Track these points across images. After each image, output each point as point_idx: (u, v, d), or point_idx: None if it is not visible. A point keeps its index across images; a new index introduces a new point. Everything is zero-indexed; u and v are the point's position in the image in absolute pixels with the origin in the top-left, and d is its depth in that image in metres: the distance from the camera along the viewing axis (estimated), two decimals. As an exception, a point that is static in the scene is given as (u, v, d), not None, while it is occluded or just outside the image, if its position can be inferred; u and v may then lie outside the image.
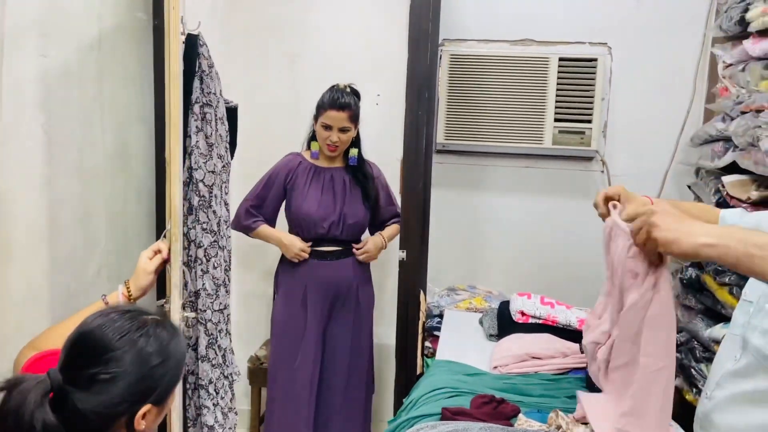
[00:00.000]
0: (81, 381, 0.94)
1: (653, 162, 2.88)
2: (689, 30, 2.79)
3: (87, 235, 1.83)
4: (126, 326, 1.00)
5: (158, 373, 1.01)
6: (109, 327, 0.98)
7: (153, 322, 1.04)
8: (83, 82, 1.78)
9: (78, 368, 0.95)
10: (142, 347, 0.99)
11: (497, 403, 1.44)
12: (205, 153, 1.86)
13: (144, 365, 0.99)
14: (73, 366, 0.95)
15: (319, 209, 2.39)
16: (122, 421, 0.98)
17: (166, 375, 1.02)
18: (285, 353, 2.43)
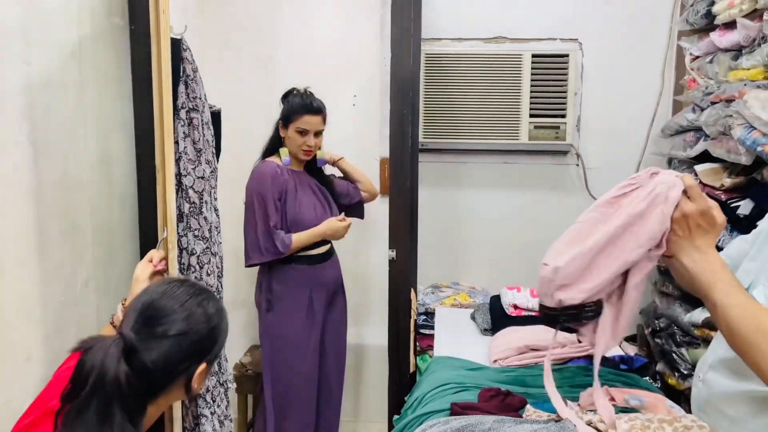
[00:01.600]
0: (149, 339, 1.07)
1: (626, 153, 2.96)
2: (656, 24, 2.88)
3: (75, 247, 1.78)
4: (188, 292, 1.15)
5: (214, 335, 1.15)
6: (172, 293, 1.13)
7: (207, 292, 1.19)
8: (66, 90, 1.74)
9: (146, 328, 1.08)
10: (202, 311, 1.14)
11: (504, 395, 1.46)
12: (193, 159, 1.83)
13: (201, 326, 1.12)
14: (142, 326, 1.08)
15: (315, 212, 2.39)
16: (182, 379, 1.11)
17: (220, 336, 1.17)
18: (293, 364, 2.38)
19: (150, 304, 1.11)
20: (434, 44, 2.96)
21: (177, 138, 1.81)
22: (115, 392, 0.99)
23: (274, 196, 2.33)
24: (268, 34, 2.96)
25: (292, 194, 2.36)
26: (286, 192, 2.36)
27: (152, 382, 1.06)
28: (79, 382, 0.99)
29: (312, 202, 2.38)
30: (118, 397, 0.99)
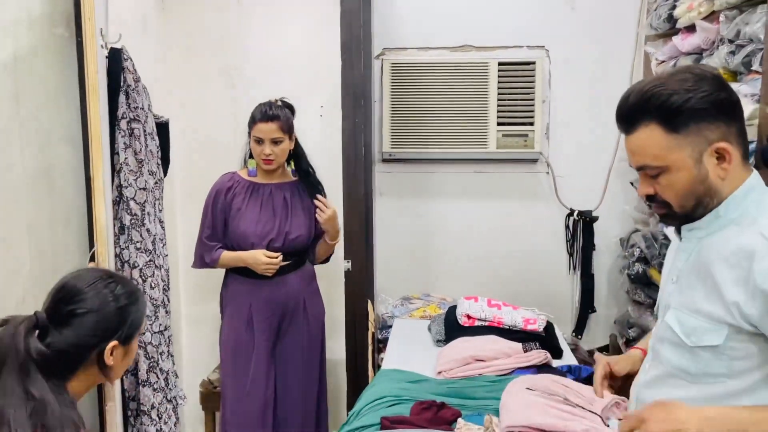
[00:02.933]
0: (59, 318, 1.16)
1: (596, 161, 2.92)
2: (623, 29, 2.85)
3: (10, 262, 1.74)
4: (96, 275, 1.24)
5: (123, 314, 1.22)
6: (83, 277, 1.22)
7: (118, 277, 1.28)
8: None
9: (57, 308, 1.17)
10: (110, 291, 1.22)
11: (437, 408, 1.41)
12: (135, 170, 1.80)
13: (110, 305, 1.21)
14: (53, 306, 1.18)
15: (257, 227, 2.32)
16: (93, 355, 1.19)
17: (129, 316, 1.24)
18: (236, 376, 2.36)
19: (62, 286, 1.21)
20: (399, 53, 2.93)
21: (117, 149, 1.79)
22: (28, 364, 1.09)
23: (215, 207, 2.32)
24: (233, 45, 2.94)
25: (237, 207, 2.32)
26: (230, 204, 2.32)
27: (65, 357, 1.15)
28: None
29: (254, 217, 2.32)
30: (34, 368, 1.10)
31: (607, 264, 2.95)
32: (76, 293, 1.19)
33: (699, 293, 1.16)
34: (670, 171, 1.13)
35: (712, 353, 1.14)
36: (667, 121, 1.11)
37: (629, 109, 1.16)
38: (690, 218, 1.17)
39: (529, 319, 1.88)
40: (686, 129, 1.11)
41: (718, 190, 1.13)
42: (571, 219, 2.94)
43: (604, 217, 2.90)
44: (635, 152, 1.17)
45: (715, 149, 1.11)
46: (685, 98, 1.10)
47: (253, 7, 2.92)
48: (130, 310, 1.26)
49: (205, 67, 2.95)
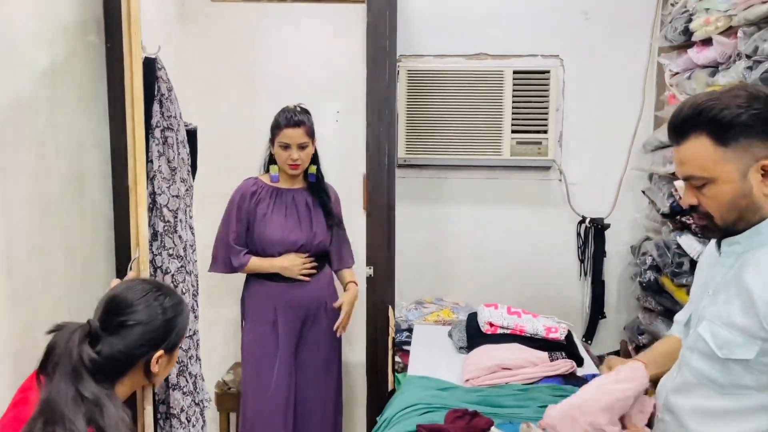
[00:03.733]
0: (111, 327, 1.24)
1: (608, 169, 2.97)
2: (636, 40, 2.90)
3: (45, 266, 1.77)
4: (146, 288, 1.32)
5: (169, 326, 1.31)
6: (134, 289, 1.31)
7: (166, 289, 1.36)
8: (35, 109, 1.73)
9: (109, 317, 1.25)
10: (159, 304, 1.30)
11: (471, 416, 1.45)
12: (168, 177, 1.83)
13: (158, 317, 1.29)
14: (105, 316, 1.26)
15: (284, 232, 2.35)
16: (141, 363, 1.28)
17: (175, 327, 1.33)
18: (258, 377, 2.38)
19: (114, 297, 1.29)
20: (416, 61, 2.97)
21: (151, 157, 1.81)
22: (80, 368, 1.16)
23: (240, 211, 2.35)
24: (251, 51, 2.96)
25: (263, 212, 2.34)
26: (256, 210, 2.34)
27: (114, 364, 1.23)
28: (47, 357, 1.17)
29: (282, 223, 2.36)
30: (86, 372, 1.17)
31: (618, 271, 3.01)
32: (128, 305, 1.28)
33: (735, 307, 1.20)
34: (716, 183, 1.17)
35: (743, 367, 1.19)
36: (717, 135, 1.15)
37: (682, 121, 1.20)
38: (730, 232, 1.21)
39: (551, 327, 1.92)
40: (735, 143, 1.14)
41: (761, 207, 1.16)
42: (582, 226, 2.99)
43: (616, 225, 2.96)
44: (683, 162, 1.21)
45: (761, 166, 1.15)
46: (736, 114, 1.14)
47: (271, 15, 2.94)
48: (177, 322, 1.34)
49: (224, 74, 2.97)
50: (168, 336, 1.32)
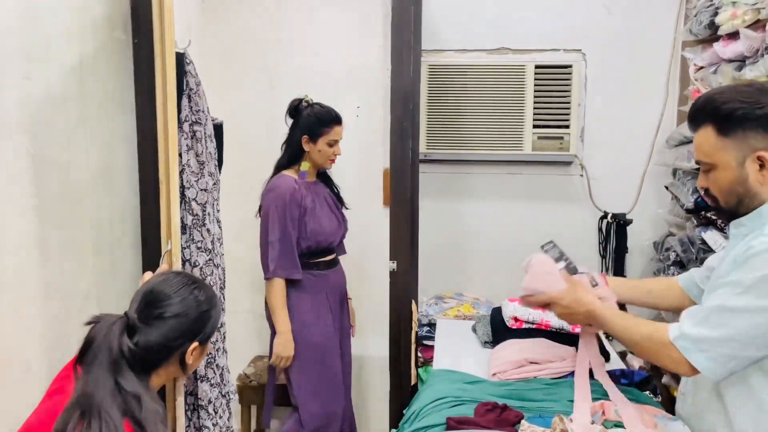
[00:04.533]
0: (148, 319, 1.26)
1: (631, 164, 2.95)
2: (660, 34, 2.88)
3: (76, 259, 1.79)
4: (182, 281, 1.34)
5: (204, 318, 1.33)
6: (170, 282, 1.33)
7: (201, 283, 1.38)
8: (66, 105, 1.76)
9: (146, 310, 1.27)
10: (194, 297, 1.32)
11: (501, 409, 1.45)
12: (196, 171, 1.85)
13: (193, 310, 1.31)
14: (143, 308, 1.28)
15: (332, 224, 2.39)
16: (176, 355, 1.30)
17: (210, 320, 1.35)
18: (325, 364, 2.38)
19: (150, 290, 1.31)
20: (437, 55, 2.96)
21: (180, 151, 1.83)
22: (120, 360, 1.19)
23: (293, 213, 2.28)
24: (271, 47, 2.98)
25: (311, 208, 2.33)
26: (305, 207, 2.31)
27: (151, 355, 1.25)
28: (85, 349, 1.20)
29: (329, 215, 2.39)
30: (125, 364, 1.20)
31: (640, 267, 2.99)
32: (164, 297, 1.30)
33: None
34: (717, 169, 1.30)
35: None
36: (719, 125, 1.28)
37: (695, 111, 1.35)
38: (735, 214, 1.34)
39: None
40: (734, 134, 1.27)
41: (758, 193, 1.28)
42: (604, 221, 2.98)
43: (638, 220, 2.94)
44: (696, 148, 1.36)
45: (757, 156, 1.26)
46: (737, 107, 1.27)
47: (292, 11, 2.95)
48: (211, 315, 1.37)
49: (244, 69, 2.99)
50: (203, 328, 1.34)
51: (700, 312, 1.27)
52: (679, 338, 1.27)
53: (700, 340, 1.24)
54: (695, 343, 1.24)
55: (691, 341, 1.25)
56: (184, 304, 1.31)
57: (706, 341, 1.23)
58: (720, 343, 1.22)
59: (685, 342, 1.26)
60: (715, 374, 1.24)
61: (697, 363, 1.24)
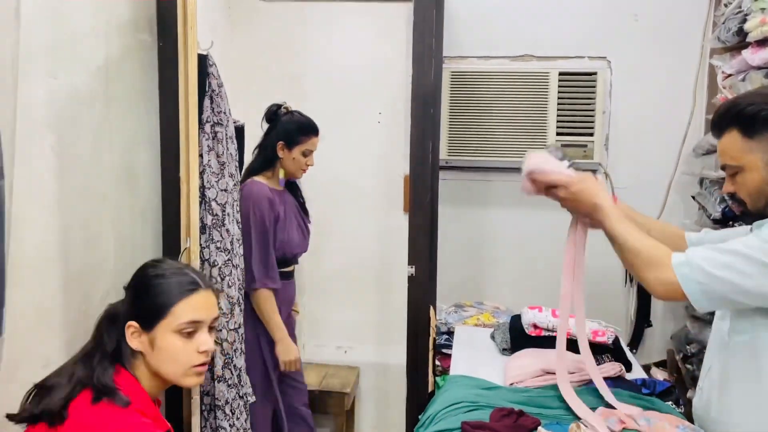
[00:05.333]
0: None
1: (656, 173, 2.89)
2: (687, 41, 2.83)
3: (96, 257, 1.81)
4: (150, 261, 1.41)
5: (142, 294, 1.32)
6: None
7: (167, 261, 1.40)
8: (91, 104, 1.79)
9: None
10: (144, 272, 1.36)
11: (517, 415, 1.42)
12: (216, 172, 1.86)
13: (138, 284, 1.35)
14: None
15: (299, 235, 2.38)
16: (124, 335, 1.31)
17: (141, 297, 1.32)
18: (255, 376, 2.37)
19: None
20: (460, 62, 2.96)
21: (201, 151, 1.85)
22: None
23: (271, 222, 2.26)
24: (295, 52, 3.00)
25: (282, 219, 2.30)
26: (277, 216, 2.29)
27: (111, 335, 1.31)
28: None
29: (296, 226, 2.37)
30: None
31: (665, 278, 2.92)
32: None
33: None
34: (744, 171, 1.32)
35: None
36: (744, 127, 1.31)
37: (719, 117, 1.38)
38: (764, 216, 1.33)
39: (597, 330, 1.88)
40: (759, 135, 1.30)
41: None
42: (629, 231, 2.92)
43: (664, 231, 2.87)
44: (721, 153, 1.38)
45: None
46: (761, 108, 1.30)
47: (316, 18, 2.98)
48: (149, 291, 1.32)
49: (267, 73, 3.02)
50: (135, 306, 1.31)
51: (714, 249, 1.28)
52: (682, 264, 1.28)
53: (704, 274, 1.25)
54: (696, 275, 1.26)
55: (693, 270, 1.26)
56: (133, 278, 1.33)
57: (709, 277, 1.25)
58: (721, 283, 1.24)
59: (685, 269, 1.27)
60: (701, 307, 1.30)
61: (691, 292, 1.26)
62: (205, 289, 1.33)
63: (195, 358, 1.29)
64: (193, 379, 1.32)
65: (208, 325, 1.33)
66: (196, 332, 1.30)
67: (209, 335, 1.33)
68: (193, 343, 1.29)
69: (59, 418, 1.19)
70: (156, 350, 1.28)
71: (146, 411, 1.26)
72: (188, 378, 1.31)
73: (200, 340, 1.30)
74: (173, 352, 1.27)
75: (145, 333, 1.29)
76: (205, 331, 1.32)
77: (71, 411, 1.20)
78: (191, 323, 1.29)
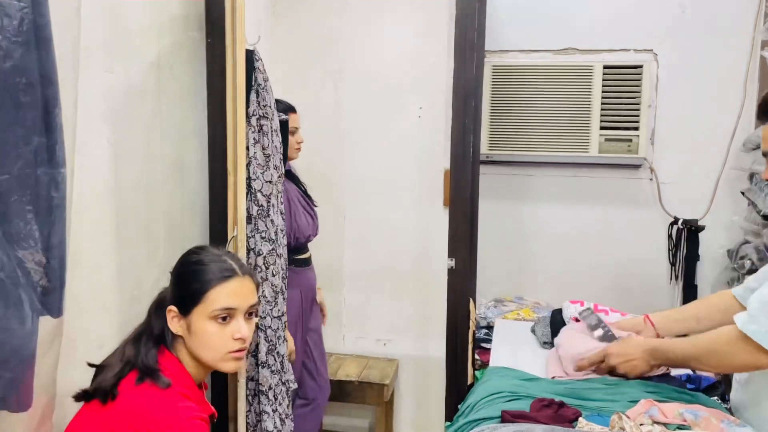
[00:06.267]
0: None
1: (704, 168, 2.83)
2: (737, 34, 2.76)
3: (148, 245, 1.89)
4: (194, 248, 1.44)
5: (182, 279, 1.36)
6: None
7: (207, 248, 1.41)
8: (144, 98, 1.86)
9: None
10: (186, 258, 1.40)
11: (558, 406, 1.42)
12: (262, 164, 1.91)
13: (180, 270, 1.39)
14: None
15: (308, 219, 2.39)
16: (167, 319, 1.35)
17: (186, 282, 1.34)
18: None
19: None
20: (501, 56, 2.95)
21: (247, 144, 1.90)
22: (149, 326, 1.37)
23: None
24: (337, 47, 3.04)
25: (287, 205, 2.28)
26: (289, 198, 2.29)
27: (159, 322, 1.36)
28: None
29: (303, 210, 2.36)
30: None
31: (712, 276, 2.86)
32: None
33: None
34: None
35: None
36: None
37: (764, 102, 1.40)
38: None
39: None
40: None
41: None
42: (674, 228, 2.87)
43: (711, 227, 2.82)
44: (764, 139, 1.38)
45: None
46: None
47: (358, 12, 3.01)
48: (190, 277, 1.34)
49: (310, 67, 3.07)
50: (179, 290, 1.34)
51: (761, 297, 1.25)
52: (747, 323, 1.24)
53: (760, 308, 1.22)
54: (765, 324, 1.21)
55: (760, 323, 1.22)
56: (177, 264, 1.37)
57: None
58: None
59: (752, 326, 1.23)
60: None
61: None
62: (242, 276, 1.34)
63: (230, 344, 1.31)
64: (231, 364, 1.34)
65: (246, 312, 1.34)
66: (231, 318, 1.31)
67: (247, 322, 1.34)
68: (228, 329, 1.30)
69: (111, 396, 1.25)
70: (193, 335, 1.31)
71: (190, 394, 1.30)
72: (226, 363, 1.33)
73: (235, 327, 1.31)
74: (208, 337, 1.29)
75: (183, 318, 1.32)
76: (240, 318, 1.32)
77: (120, 389, 1.25)
78: (225, 309, 1.30)
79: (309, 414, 2.50)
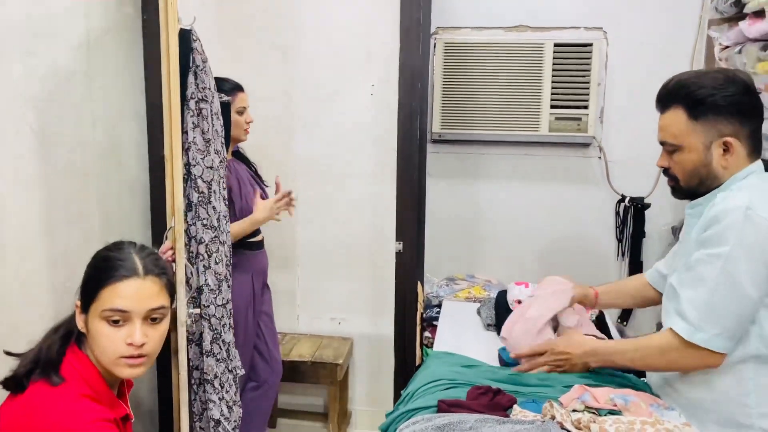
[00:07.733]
0: None
1: (652, 147, 2.82)
2: (685, 12, 2.77)
3: (82, 234, 1.83)
4: None
5: (87, 274, 1.30)
6: None
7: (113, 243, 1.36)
8: (72, 80, 1.78)
9: None
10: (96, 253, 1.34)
11: (494, 393, 1.44)
12: (202, 149, 1.85)
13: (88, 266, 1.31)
14: None
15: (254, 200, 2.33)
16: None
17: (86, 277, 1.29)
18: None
19: None
20: (453, 33, 2.91)
21: (186, 128, 1.83)
22: None
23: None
24: (287, 23, 2.95)
25: (237, 186, 2.26)
26: (230, 186, 2.19)
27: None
28: None
29: (250, 192, 2.31)
30: None
31: (657, 252, 2.93)
32: None
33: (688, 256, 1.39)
34: (683, 151, 1.38)
35: None
36: (691, 109, 1.35)
37: (666, 93, 1.42)
38: (694, 194, 1.42)
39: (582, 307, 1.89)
40: (704, 119, 1.34)
41: (718, 176, 1.37)
42: (621, 205, 2.91)
43: (657, 205, 2.87)
44: (662, 129, 1.43)
45: (722, 141, 1.34)
46: (710, 93, 1.33)
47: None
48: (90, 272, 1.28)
49: (258, 45, 2.98)
50: (81, 284, 1.28)
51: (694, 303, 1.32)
52: (693, 333, 1.32)
53: (708, 321, 1.29)
54: (706, 328, 1.30)
55: (696, 329, 1.31)
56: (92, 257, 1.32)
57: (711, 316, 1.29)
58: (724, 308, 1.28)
59: (699, 335, 1.31)
60: (726, 348, 1.31)
61: (718, 346, 1.30)
62: (143, 277, 1.23)
63: (122, 349, 1.21)
64: (125, 371, 1.23)
65: (145, 316, 1.24)
66: (126, 322, 1.22)
67: (149, 327, 1.24)
68: (120, 333, 1.21)
69: (20, 388, 1.19)
70: (89, 333, 1.23)
71: (96, 394, 1.22)
72: (119, 368, 1.23)
73: (128, 331, 1.21)
74: (99, 338, 1.21)
75: (83, 314, 1.25)
76: (136, 322, 1.22)
77: (30, 384, 1.19)
78: (115, 311, 1.21)
79: (261, 396, 2.50)
